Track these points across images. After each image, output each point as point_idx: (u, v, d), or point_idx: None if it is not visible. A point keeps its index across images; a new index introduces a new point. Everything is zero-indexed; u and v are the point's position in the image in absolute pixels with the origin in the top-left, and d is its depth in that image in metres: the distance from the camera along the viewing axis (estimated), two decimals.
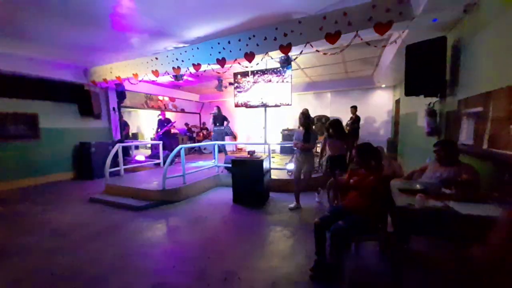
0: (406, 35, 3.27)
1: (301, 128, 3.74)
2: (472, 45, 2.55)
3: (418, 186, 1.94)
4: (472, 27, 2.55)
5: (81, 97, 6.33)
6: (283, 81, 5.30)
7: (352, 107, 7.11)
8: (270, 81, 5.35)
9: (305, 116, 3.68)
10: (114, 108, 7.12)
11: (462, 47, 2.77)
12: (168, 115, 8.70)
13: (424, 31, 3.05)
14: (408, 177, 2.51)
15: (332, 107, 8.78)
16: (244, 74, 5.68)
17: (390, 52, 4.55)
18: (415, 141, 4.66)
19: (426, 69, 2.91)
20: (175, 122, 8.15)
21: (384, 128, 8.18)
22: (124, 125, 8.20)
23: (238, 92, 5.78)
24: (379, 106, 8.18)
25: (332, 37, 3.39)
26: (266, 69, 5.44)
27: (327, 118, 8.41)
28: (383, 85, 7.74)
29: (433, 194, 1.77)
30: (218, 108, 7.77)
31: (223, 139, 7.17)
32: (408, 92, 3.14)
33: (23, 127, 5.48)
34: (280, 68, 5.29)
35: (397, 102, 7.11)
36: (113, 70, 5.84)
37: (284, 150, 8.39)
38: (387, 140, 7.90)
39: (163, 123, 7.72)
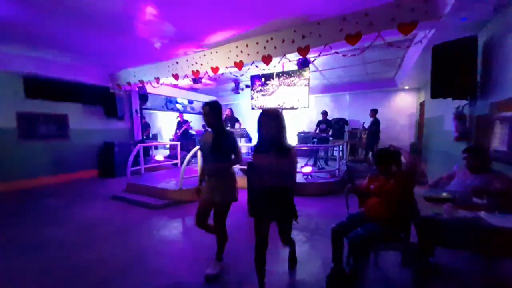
0: (432, 35, 3.10)
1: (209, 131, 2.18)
2: (506, 45, 2.37)
3: (445, 195, 1.82)
4: (504, 26, 2.37)
5: (107, 100, 6.71)
6: (304, 84, 5.24)
7: (372, 110, 6.90)
8: (295, 84, 5.28)
9: (214, 110, 2.05)
10: (136, 110, 7.45)
11: (494, 47, 2.58)
12: (187, 117, 8.95)
13: (452, 30, 2.88)
14: (435, 184, 2.37)
15: (350, 109, 8.54)
16: (268, 77, 5.65)
17: (414, 52, 4.35)
18: (442, 146, 4.40)
19: (455, 71, 2.75)
20: (190, 122, 8.35)
21: (407, 132, 7.81)
22: (146, 127, 8.54)
23: (262, 95, 5.78)
24: (401, 109, 7.83)
25: (352, 38, 3.30)
26: (286, 71, 5.41)
27: (345, 121, 8.17)
28: (406, 87, 7.40)
29: (462, 203, 1.66)
30: (231, 110, 7.86)
31: None
32: (435, 95, 2.97)
33: (55, 127, 5.90)
34: (299, 70, 5.24)
35: (422, 104, 6.76)
36: (136, 74, 6.12)
37: (299, 153, 8.28)
38: (410, 144, 7.53)
39: (181, 124, 7.95)
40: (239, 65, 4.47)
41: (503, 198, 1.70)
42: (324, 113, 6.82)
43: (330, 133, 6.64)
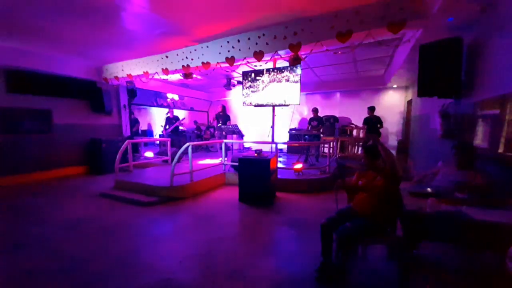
0: (420, 35, 3.18)
1: None
2: (489, 46, 2.46)
3: (429, 190, 1.89)
4: (490, 27, 2.46)
5: (93, 94, 6.48)
6: (295, 81, 5.23)
7: (368, 108, 6.99)
8: (286, 81, 5.24)
9: None
10: (124, 106, 7.26)
11: (478, 48, 2.67)
12: (177, 113, 8.81)
13: (439, 30, 2.96)
14: (419, 180, 2.45)
15: (341, 107, 8.66)
16: (258, 73, 5.59)
17: (403, 51, 4.45)
18: (427, 144, 4.54)
19: (441, 70, 2.83)
20: (184, 119, 8.21)
21: (395, 129, 8.02)
22: (135, 122, 8.35)
23: (252, 92, 5.73)
24: (390, 107, 8.01)
25: (343, 36, 3.33)
26: (277, 68, 5.40)
27: (335, 118, 8.29)
28: (395, 86, 7.57)
29: (445, 198, 1.73)
30: (223, 107, 7.79)
31: (225, 138, 7.20)
32: (421, 93, 3.06)
33: (38, 122, 5.66)
34: (290, 67, 5.23)
35: (409, 103, 6.95)
36: (124, 68, 5.95)
37: (291, 150, 8.36)
38: (398, 141, 7.73)
39: (171, 120, 7.82)
40: (230, 60, 4.43)
41: (483, 193, 1.78)
42: (315, 110, 6.88)
43: (321, 130, 6.70)
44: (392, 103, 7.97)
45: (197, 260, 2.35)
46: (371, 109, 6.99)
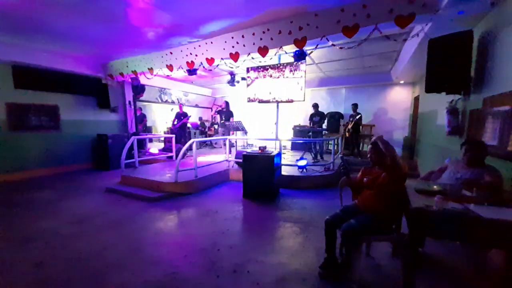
0: (429, 28, 3.10)
1: None
2: (500, 40, 2.39)
3: (436, 187, 1.86)
4: (500, 20, 2.38)
5: (99, 91, 6.55)
6: (300, 77, 5.18)
7: (353, 104, 7.02)
8: (287, 76, 5.22)
9: None
10: (129, 102, 7.31)
11: (489, 42, 2.60)
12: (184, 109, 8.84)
13: (448, 24, 2.88)
14: (426, 177, 2.42)
15: (346, 103, 8.55)
16: (263, 69, 5.58)
17: (411, 46, 4.35)
18: (434, 141, 4.46)
19: (450, 65, 2.77)
20: (190, 116, 8.24)
21: (401, 126, 7.89)
22: (142, 117, 8.41)
23: (256, 88, 5.70)
24: (396, 103, 7.88)
25: (349, 31, 3.27)
26: (282, 64, 5.36)
27: (340, 114, 8.20)
28: (402, 81, 7.44)
29: (453, 196, 1.70)
30: (227, 103, 7.73)
31: (229, 134, 7.20)
32: (429, 89, 3.00)
33: (45, 118, 5.75)
34: (295, 63, 5.18)
35: (416, 99, 6.82)
36: (129, 64, 5.97)
37: (295, 147, 8.33)
38: (404, 138, 7.62)
39: (180, 116, 7.84)
40: (234, 56, 4.40)
41: (492, 191, 1.74)
42: (315, 106, 6.82)
43: (325, 126, 6.62)
44: (399, 99, 7.83)
45: (201, 254, 2.38)
46: (355, 105, 6.94)
